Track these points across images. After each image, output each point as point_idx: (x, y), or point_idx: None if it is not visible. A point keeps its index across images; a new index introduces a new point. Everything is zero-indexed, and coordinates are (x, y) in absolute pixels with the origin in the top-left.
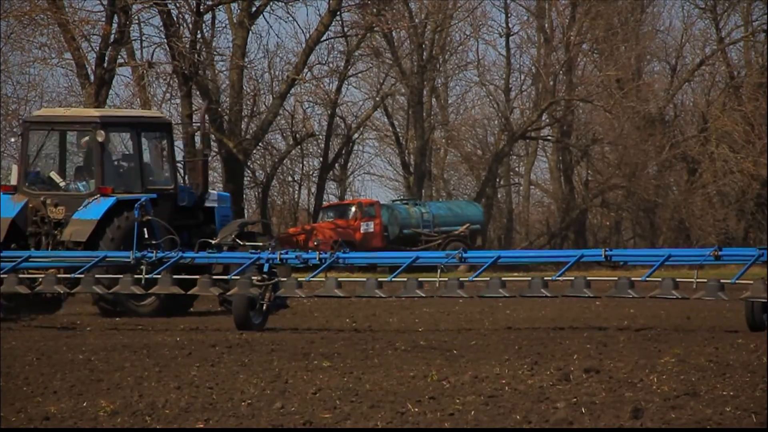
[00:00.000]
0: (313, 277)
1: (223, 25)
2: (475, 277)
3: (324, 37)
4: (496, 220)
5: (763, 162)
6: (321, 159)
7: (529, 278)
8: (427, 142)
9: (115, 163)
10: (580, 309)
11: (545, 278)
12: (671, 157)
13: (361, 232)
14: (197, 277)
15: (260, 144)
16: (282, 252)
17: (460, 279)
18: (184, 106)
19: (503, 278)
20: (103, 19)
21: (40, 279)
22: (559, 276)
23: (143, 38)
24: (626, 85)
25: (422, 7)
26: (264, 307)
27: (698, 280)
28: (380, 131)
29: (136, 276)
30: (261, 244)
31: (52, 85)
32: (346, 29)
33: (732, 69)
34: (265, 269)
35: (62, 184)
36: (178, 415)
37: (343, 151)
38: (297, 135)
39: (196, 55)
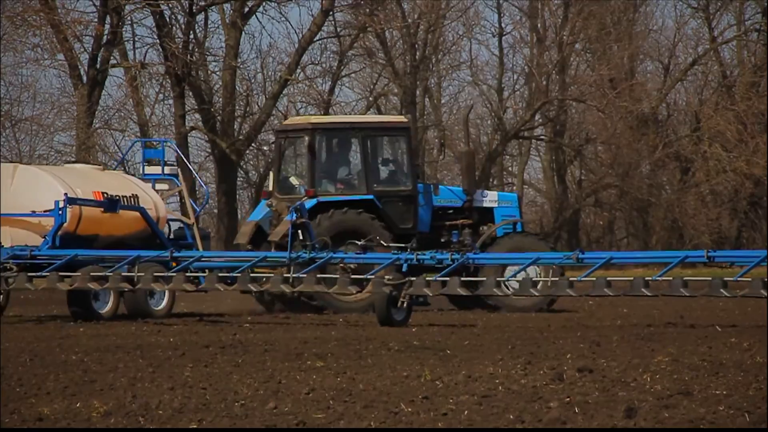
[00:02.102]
0: (440, 276)
1: (216, 25)
2: (585, 276)
3: (317, 38)
4: None
5: (756, 161)
6: None
7: (632, 279)
8: (420, 142)
9: (337, 166)
10: (573, 308)
11: (646, 278)
12: (664, 157)
13: None
14: (337, 276)
15: (253, 144)
16: (419, 253)
17: (570, 279)
18: (177, 107)
19: (608, 278)
20: (96, 19)
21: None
22: (660, 276)
23: (136, 39)
24: (619, 85)
25: (415, 7)
26: (404, 305)
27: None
28: None
29: (284, 275)
30: (405, 244)
31: (44, 86)
32: (338, 29)
33: (725, 68)
34: (404, 269)
35: (297, 187)
36: (172, 416)
37: None
38: None
39: (188, 56)
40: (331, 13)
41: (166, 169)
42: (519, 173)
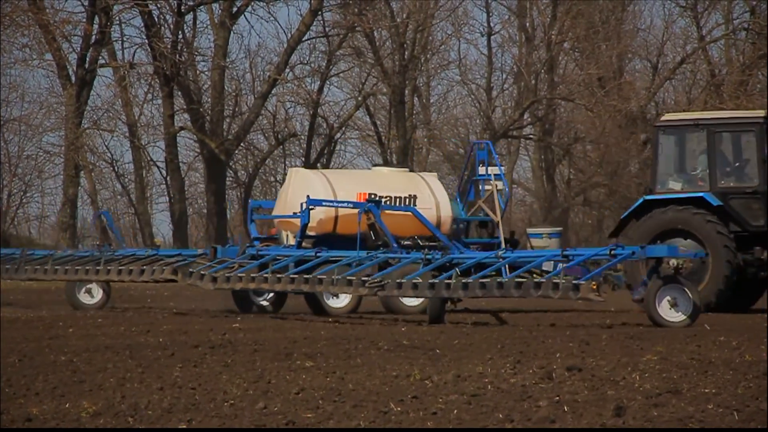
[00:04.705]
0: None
1: (205, 25)
2: (587, 277)
3: (305, 37)
4: None
5: None
6: (303, 159)
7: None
8: (409, 142)
9: (683, 163)
10: (562, 308)
11: (574, 281)
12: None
13: None
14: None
15: (242, 144)
16: (434, 252)
17: (536, 280)
18: (166, 107)
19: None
20: (84, 19)
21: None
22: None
23: (124, 39)
24: (608, 84)
25: (404, 6)
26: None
27: None
28: (362, 131)
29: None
30: (435, 243)
31: (33, 86)
32: (327, 29)
33: (713, 67)
34: (423, 267)
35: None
36: (161, 416)
37: (326, 151)
38: (279, 135)
39: (177, 56)
40: (319, 12)
41: (490, 170)
42: (508, 172)
